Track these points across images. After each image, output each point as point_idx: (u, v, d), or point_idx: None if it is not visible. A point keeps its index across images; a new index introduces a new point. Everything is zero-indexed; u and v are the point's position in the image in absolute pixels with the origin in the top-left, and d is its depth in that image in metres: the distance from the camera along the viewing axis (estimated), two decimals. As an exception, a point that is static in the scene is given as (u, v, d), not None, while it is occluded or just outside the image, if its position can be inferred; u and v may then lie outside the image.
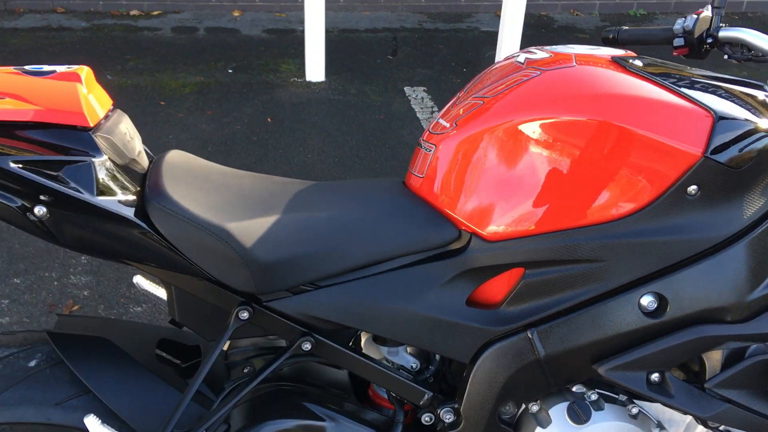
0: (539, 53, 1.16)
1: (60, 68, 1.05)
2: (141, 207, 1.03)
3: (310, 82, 4.31)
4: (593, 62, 1.10)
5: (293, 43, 4.98)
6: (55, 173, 0.98)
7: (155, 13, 5.46)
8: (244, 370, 1.26)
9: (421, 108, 4.01)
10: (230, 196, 1.10)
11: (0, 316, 2.26)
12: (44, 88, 1.00)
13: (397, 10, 5.92)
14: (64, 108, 0.99)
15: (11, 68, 1.06)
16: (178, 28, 5.16)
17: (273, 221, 1.07)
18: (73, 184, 0.98)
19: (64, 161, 0.98)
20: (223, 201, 1.08)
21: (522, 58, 1.16)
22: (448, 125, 1.15)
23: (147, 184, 1.06)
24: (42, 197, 0.97)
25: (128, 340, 1.21)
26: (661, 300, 1.08)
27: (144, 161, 1.12)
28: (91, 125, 1.00)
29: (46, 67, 1.06)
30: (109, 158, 1.02)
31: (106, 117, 1.07)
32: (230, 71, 4.40)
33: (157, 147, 3.34)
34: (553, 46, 1.18)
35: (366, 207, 1.14)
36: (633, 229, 1.06)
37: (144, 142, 1.16)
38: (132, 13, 5.42)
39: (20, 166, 0.96)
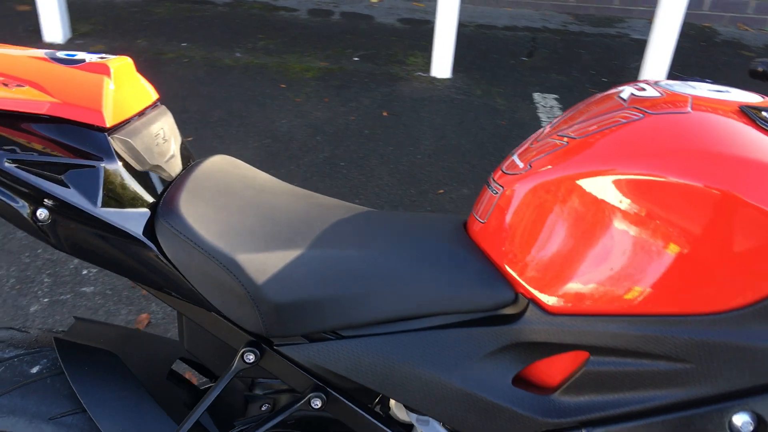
0: (649, 90, 0.92)
1: (92, 57, 0.95)
2: (151, 223, 0.91)
3: (434, 78, 4.13)
4: (715, 109, 0.85)
5: (426, 35, 4.81)
6: (59, 176, 0.87)
7: (296, -7, 5.49)
8: (262, 408, 1.12)
9: (548, 118, 3.72)
10: (255, 219, 0.96)
11: (85, 285, 2.29)
12: (67, 79, 0.90)
13: (542, 8, 5.59)
14: (83, 103, 0.88)
15: (41, 52, 0.97)
16: (314, 10, 5.15)
17: (296, 254, 0.91)
18: (75, 191, 0.87)
19: (71, 164, 0.87)
20: (244, 224, 0.94)
21: (626, 93, 0.93)
22: (522, 165, 0.94)
23: (164, 197, 0.94)
24: (45, 201, 0.88)
25: (142, 355, 1.11)
26: (760, 423, 0.83)
27: (175, 167, 1.01)
28: (108, 125, 0.88)
29: (79, 55, 0.96)
30: (125, 164, 0.90)
31: (141, 114, 0.96)
32: (356, 59, 4.31)
33: (268, 131, 3.31)
34: (670, 82, 0.94)
35: (411, 249, 0.95)
36: (736, 329, 0.81)
37: (256, 125, 1.03)
38: (274, -8, 5.48)
39: (20, 165, 0.86)
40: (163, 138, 0.99)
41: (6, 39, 4.10)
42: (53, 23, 4.06)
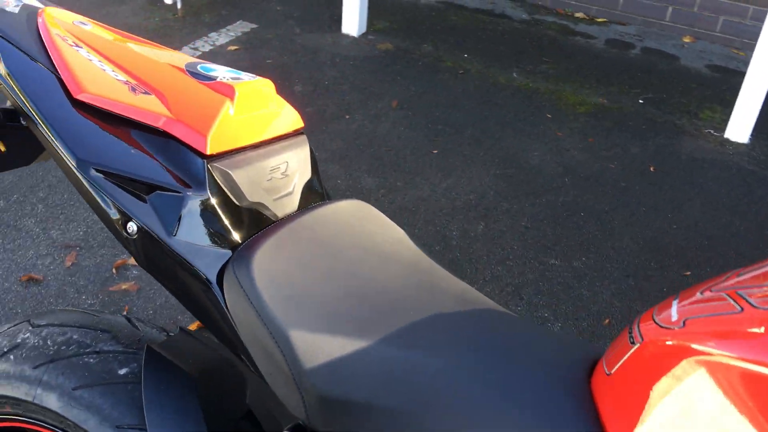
0: None
1: (228, 75, 0.88)
2: (224, 267, 0.83)
3: (726, 140, 3.56)
4: None
5: (733, 88, 4.18)
6: (144, 195, 0.83)
7: (600, 20, 5.14)
8: None
9: None
10: (338, 289, 0.81)
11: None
12: (191, 95, 0.85)
13: None
14: (192, 123, 0.82)
15: (182, 61, 0.93)
16: (613, 41, 4.77)
17: (363, 346, 0.75)
18: (155, 214, 0.81)
19: (157, 185, 0.82)
20: (321, 294, 0.80)
21: None
22: (675, 318, 0.66)
23: (248, 240, 0.84)
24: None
25: (224, 385, 1.04)
26: None
27: (286, 206, 0.91)
28: (208, 152, 0.81)
29: (218, 71, 0.90)
30: (219, 197, 0.82)
31: (269, 143, 0.88)
32: (640, 101, 3.89)
33: (515, 160, 3.12)
34: None
35: (505, 377, 0.73)
36: None
37: (505, 151, 0.95)
38: (577, 15, 5.20)
39: (108, 176, 0.83)
40: (283, 173, 0.90)
41: (311, 24, 4.45)
42: (352, 16, 4.30)
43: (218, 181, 0.81)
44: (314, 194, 0.97)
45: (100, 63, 0.89)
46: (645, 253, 2.65)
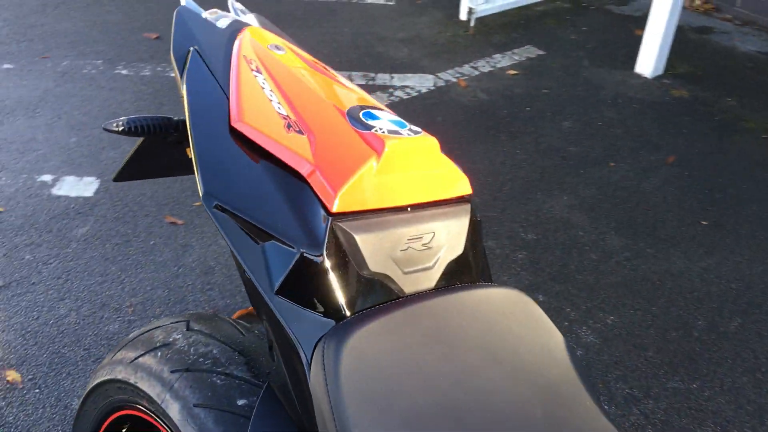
0: None
1: (385, 127, 0.79)
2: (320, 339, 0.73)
3: None
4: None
5: None
6: (259, 241, 0.76)
7: None
8: None
9: None
10: (433, 402, 0.67)
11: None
12: (339, 143, 0.78)
13: None
14: (328, 175, 0.75)
15: (354, 96, 0.85)
16: None
17: None
18: (263, 264, 0.75)
19: (274, 235, 0.75)
20: (409, 404, 0.67)
21: None
22: None
23: (350, 318, 0.74)
24: None
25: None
26: None
27: (419, 283, 0.79)
28: (334, 210, 0.73)
29: (379, 121, 0.81)
30: (334, 259, 0.73)
31: (420, 208, 0.78)
32: None
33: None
34: None
35: None
36: None
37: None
38: None
39: (230, 213, 0.78)
40: (425, 244, 0.78)
41: (603, 59, 4.18)
42: (650, 55, 3.94)
43: (339, 242, 0.72)
44: (463, 274, 0.83)
45: (270, 93, 0.86)
46: None
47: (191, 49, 0.94)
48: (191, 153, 1.06)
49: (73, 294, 2.30)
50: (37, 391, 1.96)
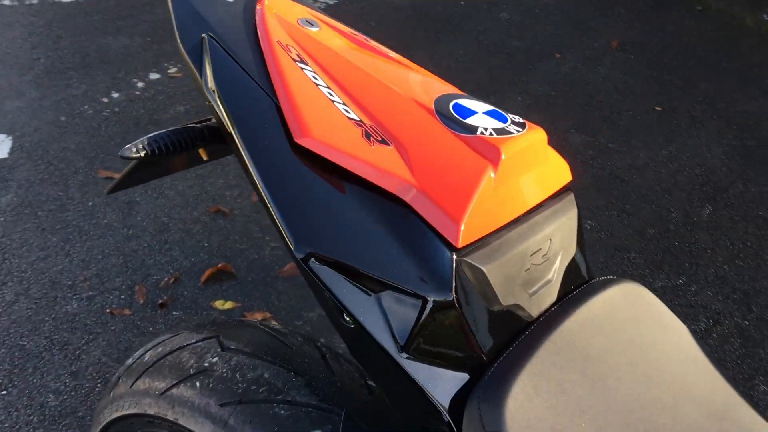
0: None
1: (492, 126, 0.64)
2: (466, 392, 0.62)
3: None
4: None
5: None
6: (371, 292, 0.62)
7: None
8: None
9: None
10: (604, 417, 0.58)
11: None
12: (441, 154, 0.62)
13: None
14: (442, 203, 0.60)
15: (438, 87, 0.70)
16: None
17: None
18: (381, 322, 0.61)
19: (388, 284, 0.61)
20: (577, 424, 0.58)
21: None
22: None
23: (494, 369, 0.62)
24: None
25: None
26: None
27: (544, 300, 0.68)
28: (460, 244, 0.59)
29: (477, 115, 0.66)
30: (465, 303, 0.61)
31: (532, 212, 0.65)
32: None
33: (733, 126, 2.61)
34: None
35: None
36: None
37: (732, 112, 0.69)
38: None
39: (326, 263, 0.63)
40: (545, 255, 0.66)
41: None
42: None
43: (467, 280, 0.59)
44: (576, 274, 0.73)
45: (328, 91, 0.68)
46: None
47: (204, 36, 0.73)
48: (204, 154, 0.88)
49: (16, 275, 2.05)
50: (5, 392, 1.77)
